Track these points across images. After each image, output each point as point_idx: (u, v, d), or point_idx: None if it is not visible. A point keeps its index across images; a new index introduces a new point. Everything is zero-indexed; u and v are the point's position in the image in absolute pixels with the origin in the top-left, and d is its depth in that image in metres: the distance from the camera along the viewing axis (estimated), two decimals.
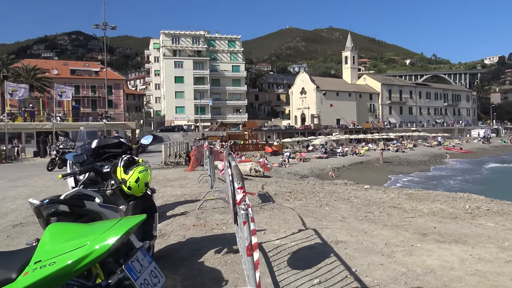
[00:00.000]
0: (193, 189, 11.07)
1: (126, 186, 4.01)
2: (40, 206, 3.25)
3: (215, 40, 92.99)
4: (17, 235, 6.50)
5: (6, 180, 14.91)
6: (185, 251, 5.28)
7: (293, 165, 34.41)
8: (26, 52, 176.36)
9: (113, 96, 68.33)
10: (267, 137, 64.14)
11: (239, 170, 3.16)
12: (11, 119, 34.61)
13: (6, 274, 1.92)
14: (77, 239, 1.97)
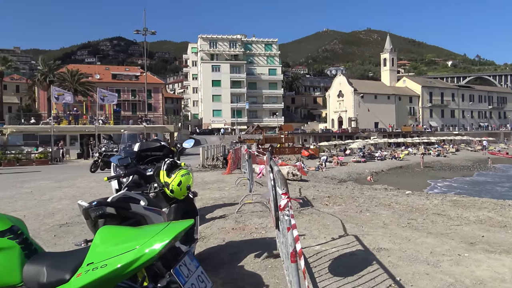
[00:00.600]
0: (231, 192, 11.12)
1: (169, 189, 4.07)
2: (88, 208, 3.35)
3: (252, 43, 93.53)
4: (63, 235, 6.73)
5: (52, 181, 15.52)
6: (225, 254, 5.29)
7: (330, 169, 34.00)
8: (70, 58, 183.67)
9: (153, 99, 69.97)
10: (303, 141, 63.79)
11: (283, 176, 3.14)
12: (57, 122, 36.09)
13: (60, 274, 1.98)
14: (127, 242, 2.00)
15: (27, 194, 11.90)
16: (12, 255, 2.07)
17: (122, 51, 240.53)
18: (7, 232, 2.13)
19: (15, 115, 46.47)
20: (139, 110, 67.20)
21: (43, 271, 2.01)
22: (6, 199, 10.79)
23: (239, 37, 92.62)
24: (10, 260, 2.06)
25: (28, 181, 15.60)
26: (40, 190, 12.60)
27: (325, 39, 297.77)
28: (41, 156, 28.31)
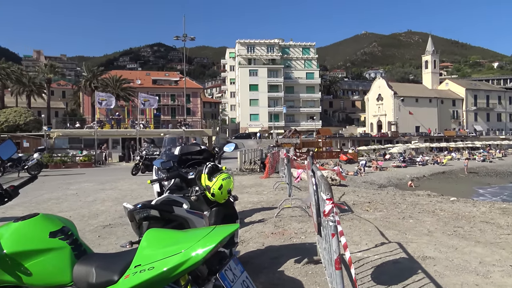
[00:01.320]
0: (269, 196, 11.09)
1: (210, 193, 4.09)
2: (133, 211, 3.42)
3: (289, 47, 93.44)
4: (107, 236, 6.91)
5: (96, 183, 16.02)
6: (265, 259, 5.26)
7: (369, 174, 33.36)
8: (113, 64, 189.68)
9: (191, 104, 71.16)
10: (341, 145, 62.95)
11: (327, 180, 3.08)
12: (100, 126, 37.31)
13: (109, 275, 2.01)
14: (173, 246, 2.01)
15: (72, 195, 12.33)
16: (63, 255, 2.13)
17: (162, 57, 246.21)
18: (59, 233, 2.18)
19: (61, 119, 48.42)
20: (178, 114, 68.50)
21: (92, 271, 2.05)
22: (53, 200, 11.22)
23: (277, 41, 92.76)
24: (61, 260, 2.11)
25: (73, 183, 16.17)
26: (85, 192, 13.03)
27: (364, 41, 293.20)
28: (85, 159, 29.33)
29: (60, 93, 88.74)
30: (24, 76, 67.09)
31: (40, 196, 11.66)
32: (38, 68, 74.30)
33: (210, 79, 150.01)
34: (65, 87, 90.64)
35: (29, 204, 10.21)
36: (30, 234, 2.15)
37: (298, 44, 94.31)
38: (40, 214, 2.27)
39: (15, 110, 52.60)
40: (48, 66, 69.32)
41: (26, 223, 2.19)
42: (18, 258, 2.08)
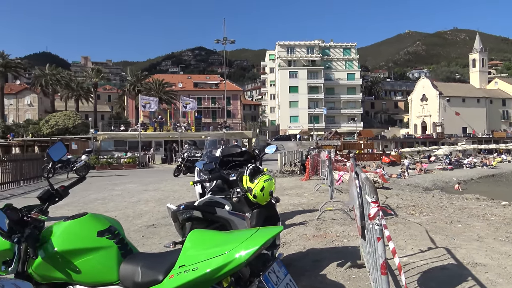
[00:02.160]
0: (310, 198, 10.98)
1: (252, 195, 4.08)
2: (176, 211, 3.46)
3: (329, 48, 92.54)
4: (150, 235, 7.05)
5: (140, 184, 16.45)
6: (306, 262, 5.20)
7: (413, 177, 32.33)
8: (156, 68, 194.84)
9: (231, 106, 71.83)
10: (384, 147, 61.57)
11: (372, 183, 2.99)
12: (143, 129, 38.36)
13: (154, 275, 2.04)
14: (216, 247, 2.01)
15: (117, 196, 12.70)
16: (110, 254, 2.18)
17: (203, 61, 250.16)
18: (106, 232, 2.24)
19: (107, 122, 50.18)
20: (218, 117, 69.36)
21: (138, 271, 2.08)
22: (99, 200, 11.61)
23: (317, 42, 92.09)
24: (108, 259, 2.16)
25: (118, 184, 16.67)
26: (129, 193, 13.39)
27: (407, 41, 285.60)
28: (130, 161, 30.20)
29: (106, 97, 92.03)
30: (73, 82, 70.14)
31: (87, 196, 12.09)
32: (86, 73, 77.47)
33: (250, 82, 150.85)
34: (111, 91, 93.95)
35: (77, 203, 10.60)
36: (79, 233, 2.21)
37: (338, 45, 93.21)
38: (88, 214, 2.34)
39: (65, 114, 55.02)
40: (95, 72, 72.11)
41: (75, 222, 2.26)
42: (68, 256, 2.15)
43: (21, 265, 2.19)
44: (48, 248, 2.16)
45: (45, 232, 2.25)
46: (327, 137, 57.80)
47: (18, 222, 2.21)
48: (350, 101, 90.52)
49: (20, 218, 2.25)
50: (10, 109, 73.24)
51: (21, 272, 2.20)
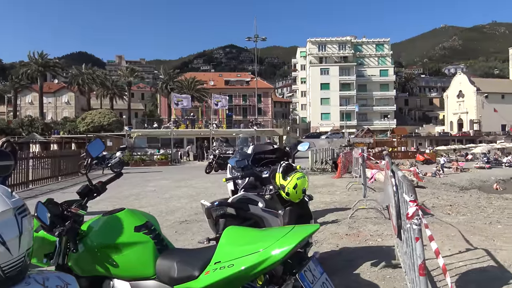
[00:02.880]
0: (342, 196, 10.85)
1: (284, 192, 4.05)
2: (210, 208, 3.49)
3: (362, 44, 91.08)
4: (183, 231, 7.14)
5: (172, 180, 16.71)
6: (339, 260, 5.13)
7: (448, 175, 31.42)
8: (188, 67, 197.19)
9: (262, 104, 71.90)
10: (418, 144, 60.12)
11: (410, 181, 2.91)
12: (176, 126, 38.94)
13: (190, 271, 2.05)
14: (251, 244, 2.01)
15: (150, 192, 12.96)
16: (147, 249, 2.20)
17: (233, 58, 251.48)
18: (143, 228, 2.27)
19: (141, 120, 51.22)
20: (249, 114, 69.54)
21: (174, 266, 2.10)
22: (133, 196, 11.87)
23: (349, 38, 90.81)
24: (145, 254, 2.19)
25: (151, 180, 16.99)
26: (162, 189, 13.63)
27: (443, 35, 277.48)
28: (162, 158, 30.73)
29: (139, 95, 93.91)
30: (108, 80, 72.01)
31: (121, 192, 12.38)
32: (120, 72, 79.36)
33: (281, 79, 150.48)
34: (144, 90, 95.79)
35: (112, 199, 10.85)
36: (117, 228, 2.25)
37: (371, 41, 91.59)
38: (125, 209, 2.38)
39: (100, 112, 56.58)
40: (129, 70, 73.78)
41: (113, 218, 2.31)
42: (106, 250, 2.19)
43: (62, 258, 2.26)
44: (88, 242, 2.21)
45: (85, 226, 2.30)
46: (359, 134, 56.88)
47: (59, 216, 2.27)
48: (383, 98, 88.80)
49: (60, 213, 2.31)
50: (48, 107, 75.89)
51: (62, 265, 2.26)
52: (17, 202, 1.11)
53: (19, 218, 1.09)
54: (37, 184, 15.51)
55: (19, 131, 55.85)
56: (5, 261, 1.05)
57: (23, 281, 1.11)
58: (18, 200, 1.12)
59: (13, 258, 1.07)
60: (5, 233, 1.05)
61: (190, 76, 70.59)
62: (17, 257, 1.08)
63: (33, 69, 66.74)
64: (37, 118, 62.87)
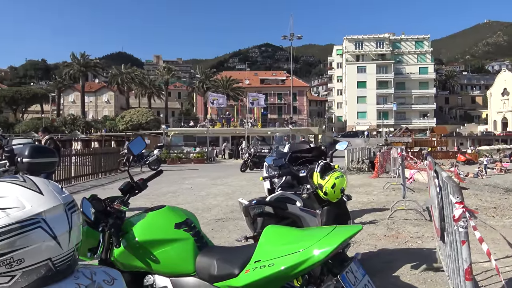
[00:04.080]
0: (380, 197, 10.64)
1: (322, 192, 4.01)
2: (248, 206, 3.49)
3: (400, 41, 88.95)
4: (219, 229, 7.19)
5: (208, 178, 16.89)
6: (378, 262, 5.03)
7: (492, 176, 30.18)
8: (223, 66, 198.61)
9: (297, 102, 71.56)
10: (459, 144, 58.14)
11: (456, 182, 2.81)
12: (212, 124, 39.36)
13: (230, 269, 2.06)
14: (293, 244, 1.99)
15: (187, 189, 13.14)
16: (187, 246, 2.22)
17: (269, 57, 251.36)
18: (183, 225, 2.29)
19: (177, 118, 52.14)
20: (284, 113, 69.35)
21: (214, 264, 2.11)
22: (171, 193, 12.07)
23: (387, 35, 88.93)
24: (185, 250, 2.21)
25: (187, 178, 17.23)
26: (198, 186, 13.80)
27: (486, 31, 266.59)
28: (198, 156, 31.15)
29: (176, 94, 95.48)
30: (146, 80, 73.70)
31: (159, 189, 12.60)
32: (158, 71, 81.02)
33: (316, 77, 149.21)
34: (181, 89, 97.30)
35: (150, 196, 11.07)
36: (158, 225, 2.29)
37: (410, 38, 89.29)
38: (166, 206, 2.41)
39: (138, 111, 57.98)
40: (166, 70, 75.19)
41: (154, 214, 2.34)
42: (147, 246, 2.23)
43: (105, 253, 2.32)
44: (130, 238, 2.25)
45: (127, 222, 2.35)
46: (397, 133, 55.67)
47: (102, 212, 2.33)
48: (422, 96, 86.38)
49: (104, 209, 2.37)
50: (90, 106, 78.45)
51: (105, 259, 2.32)
52: (67, 197, 1.14)
53: (69, 214, 1.12)
54: (79, 181, 16.02)
55: (62, 129, 58.06)
56: (56, 255, 1.08)
57: (72, 275, 1.14)
58: (68, 196, 1.15)
59: (63, 253, 1.10)
60: (56, 228, 1.08)
61: (225, 75, 71.14)
62: (67, 251, 1.11)
63: (75, 69, 69.29)
64: (79, 117, 65.24)
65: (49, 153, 3.10)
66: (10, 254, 1.03)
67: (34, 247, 1.05)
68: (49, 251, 1.07)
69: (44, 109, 79.61)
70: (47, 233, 1.07)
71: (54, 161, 3.14)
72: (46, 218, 1.07)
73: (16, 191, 1.09)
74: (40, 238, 1.06)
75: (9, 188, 1.10)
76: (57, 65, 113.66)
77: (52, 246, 1.08)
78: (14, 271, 1.05)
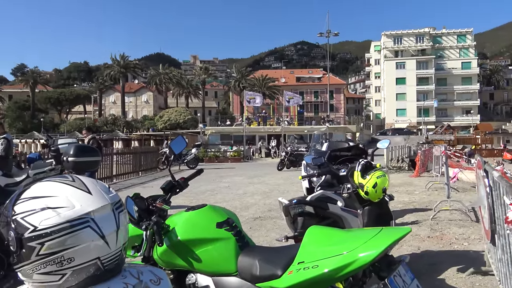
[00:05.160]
0: (422, 196, 10.34)
1: (363, 191, 3.91)
2: (288, 206, 3.45)
3: (441, 36, 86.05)
4: (257, 228, 7.18)
5: (245, 177, 16.95)
6: (422, 264, 4.87)
7: None
8: (259, 64, 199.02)
9: (334, 100, 70.68)
10: (505, 142, 55.71)
11: (509, 182, 2.66)
12: (248, 123, 39.55)
13: (273, 270, 2.03)
14: (337, 245, 1.94)
15: (225, 188, 13.24)
16: (229, 245, 2.22)
17: (305, 55, 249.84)
18: (224, 224, 2.29)
19: (214, 117, 52.76)
20: (321, 111, 68.74)
21: (256, 264, 2.09)
22: (209, 192, 12.18)
23: (427, 30, 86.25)
24: (227, 250, 2.21)
25: (225, 176, 17.36)
26: (236, 185, 13.87)
27: None
28: (235, 154, 31.35)
29: (213, 94, 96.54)
30: (183, 80, 75.03)
31: (198, 188, 12.74)
32: (195, 71, 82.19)
33: (354, 74, 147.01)
34: (217, 88, 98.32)
35: (189, 195, 11.21)
36: (200, 224, 2.30)
37: (452, 32, 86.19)
38: (208, 205, 2.41)
39: (176, 110, 59.07)
40: (203, 70, 76.16)
41: (196, 213, 2.35)
42: (189, 244, 2.23)
43: (148, 251, 2.35)
44: (172, 237, 2.27)
45: (169, 221, 2.37)
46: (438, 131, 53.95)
47: (145, 210, 2.36)
48: (465, 92, 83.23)
49: (146, 207, 2.40)
50: (129, 106, 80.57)
51: (148, 257, 2.35)
52: (114, 197, 1.16)
53: (116, 213, 1.13)
54: (120, 179, 16.46)
55: (103, 129, 59.97)
56: (104, 255, 1.09)
57: (119, 274, 1.15)
58: (115, 195, 1.16)
59: (111, 252, 1.11)
60: (104, 228, 1.09)
61: (261, 73, 71.23)
62: (115, 251, 1.12)
63: (115, 70, 71.44)
64: (119, 117, 67.21)
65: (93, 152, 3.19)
66: (60, 253, 1.05)
67: (83, 246, 1.06)
68: (97, 250, 1.09)
69: (86, 109, 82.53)
70: (96, 233, 1.08)
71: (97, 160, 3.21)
72: (94, 217, 1.08)
73: (66, 190, 1.10)
74: (89, 238, 1.07)
75: (59, 187, 1.11)
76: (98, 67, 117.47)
77: (100, 246, 1.09)
78: (64, 270, 1.06)
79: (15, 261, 1.09)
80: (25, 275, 1.09)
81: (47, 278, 1.07)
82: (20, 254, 1.06)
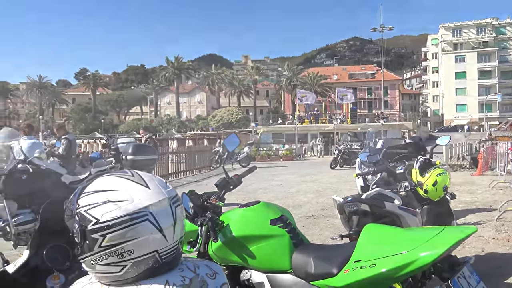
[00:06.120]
0: (485, 196, 9.82)
1: (422, 189, 3.77)
2: (343, 204, 3.39)
3: (505, 26, 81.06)
4: (311, 226, 7.12)
5: (297, 175, 16.88)
6: (487, 267, 4.59)
7: None
8: (310, 62, 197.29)
9: (389, 96, 68.72)
10: None
11: None
12: (300, 122, 39.36)
13: (328, 268, 2.00)
14: (396, 244, 1.87)
15: (277, 186, 13.25)
16: (283, 242, 2.21)
17: (357, 51, 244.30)
18: (278, 221, 2.28)
19: (266, 116, 53.04)
20: (375, 108, 66.99)
21: (311, 261, 2.06)
22: (261, 190, 12.25)
23: (489, 21, 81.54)
24: (281, 247, 2.20)
25: (277, 174, 17.36)
26: (288, 183, 13.84)
27: None
28: (287, 153, 31.32)
29: (264, 93, 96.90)
30: (235, 80, 76.10)
31: (250, 186, 12.82)
32: (246, 71, 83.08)
33: (409, 70, 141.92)
34: (268, 87, 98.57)
35: (241, 192, 11.29)
36: (254, 220, 2.30)
37: None
38: (261, 202, 2.42)
39: (228, 109, 59.99)
40: (254, 69, 76.80)
41: (250, 210, 2.36)
42: (243, 241, 2.25)
43: (203, 246, 2.39)
44: (226, 233, 2.29)
45: (223, 217, 2.39)
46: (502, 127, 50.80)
47: (200, 206, 2.40)
48: None
49: (201, 203, 2.44)
50: (184, 106, 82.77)
51: (203, 253, 2.39)
52: (171, 192, 1.19)
53: (173, 207, 1.16)
54: (175, 177, 16.93)
55: (159, 129, 62.05)
56: (162, 248, 1.12)
57: (177, 267, 1.18)
58: (172, 190, 1.19)
59: (169, 245, 1.14)
60: (162, 221, 1.12)
61: (313, 71, 70.65)
62: (172, 244, 1.15)
63: (170, 72, 73.72)
64: (174, 117, 69.28)
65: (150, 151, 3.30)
66: (121, 245, 1.09)
67: (142, 239, 1.10)
68: (156, 243, 1.12)
69: (143, 110, 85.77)
70: (154, 226, 1.11)
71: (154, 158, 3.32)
72: (153, 211, 1.11)
73: (126, 185, 1.14)
74: (147, 231, 1.10)
75: (119, 182, 1.15)
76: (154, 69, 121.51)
77: (158, 239, 1.11)
78: (125, 261, 1.11)
79: (79, 252, 1.14)
80: (88, 266, 1.14)
81: (108, 269, 1.11)
82: (84, 246, 1.11)
